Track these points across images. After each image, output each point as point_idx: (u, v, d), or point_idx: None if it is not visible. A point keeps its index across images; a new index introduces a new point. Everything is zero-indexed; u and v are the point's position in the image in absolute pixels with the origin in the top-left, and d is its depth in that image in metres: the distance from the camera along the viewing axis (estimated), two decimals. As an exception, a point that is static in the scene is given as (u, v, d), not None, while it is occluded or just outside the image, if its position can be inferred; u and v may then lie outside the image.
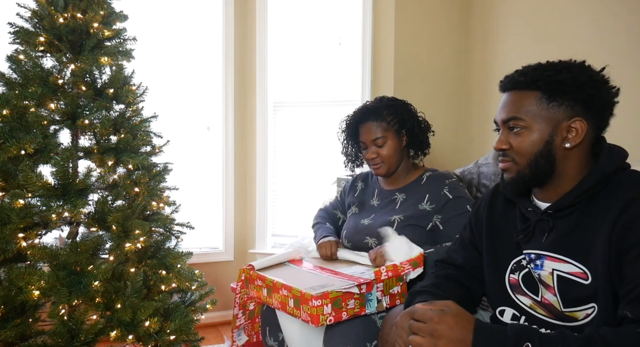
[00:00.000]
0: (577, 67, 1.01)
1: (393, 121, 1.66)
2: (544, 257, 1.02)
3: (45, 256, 1.66)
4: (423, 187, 1.64)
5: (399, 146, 1.67)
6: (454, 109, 2.86)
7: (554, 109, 0.99)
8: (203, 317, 2.14)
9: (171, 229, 2.08)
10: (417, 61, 2.78)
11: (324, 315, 1.27)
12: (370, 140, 1.67)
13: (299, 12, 2.96)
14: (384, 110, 1.67)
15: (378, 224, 1.63)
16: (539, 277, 1.04)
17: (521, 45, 2.40)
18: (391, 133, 1.66)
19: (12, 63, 1.81)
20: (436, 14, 2.80)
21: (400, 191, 1.69)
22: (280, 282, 1.40)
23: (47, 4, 1.86)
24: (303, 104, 2.99)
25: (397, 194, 1.68)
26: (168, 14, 2.87)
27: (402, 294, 1.42)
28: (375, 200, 1.75)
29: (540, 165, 1.01)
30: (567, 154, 1.00)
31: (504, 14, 2.53)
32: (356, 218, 1.76)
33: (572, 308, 0.98)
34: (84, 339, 1.65)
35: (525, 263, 1.07)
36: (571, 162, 1.01)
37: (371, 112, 1.69)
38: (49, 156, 1.76)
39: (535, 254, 1.04)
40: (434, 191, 1.61)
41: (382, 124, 1.66)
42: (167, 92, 2.83)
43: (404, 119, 1.67)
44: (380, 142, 1.65)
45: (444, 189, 1.60)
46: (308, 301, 1.27)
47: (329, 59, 2.93)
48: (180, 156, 2.67)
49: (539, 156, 1.01)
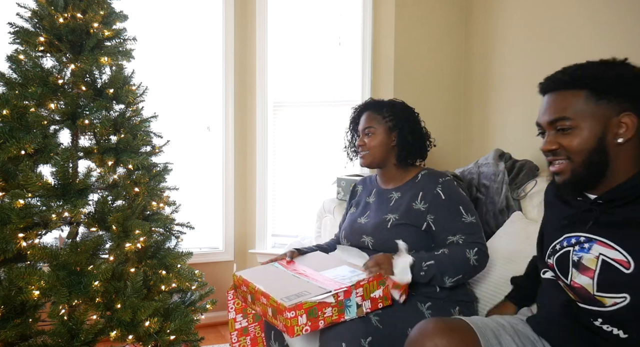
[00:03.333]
0: (620, 65, 1.04)
1: (388, 118, 1.69)
2: (595, 241, 1.04)
3: (45, 256, 1.66)
4: (417, 185, 1.65)
5: (386, 142, 1.69)
6: (454, 109, 2.86)
7: (603, 106, 1.01)
8: (203, 317, 2.14)
9: (171, 229, 2.08)
10: (417, 61, 2.78)
11: (298, 326, 1.26)
12: (362, 128, 1.73)
13: (299, 12, 2.96)
14: (384, 106, 1.72)
15: (373, 223, 1.65)
16: (578, 260, 1.06)
17: (521, 45, 2.40)
18: (382, 127, 1.69)
19: (12, 63, 1.81)
20: (436, 14, 2.80)
21: (397, 189, 1.69)
22: (260, 290, 1.38)
23: (47, 4, 1.86)
24: (303, 104, 2.99)
25: (393, 193, 1.69)
26: (168, 14, 2.87)
27: (384, 297, 1.40)
28: (371, 197, 1.77)
29: (595, 162, 1.03)
30: (619, 149, 1.02)
31: (504, 14, 2.53)
32: (353, 217, 1.77)
33: (604, 293, 1.00)
34: (84, 339, 1.65)
35: (565, 245, 1.10)
36: (623, 158, 1.02)
37: (373, 104, 1.76)
38: (49, 156, 1.76)
39: (586, 237, 1.06)
40: (427, 189, 1.60)
41: (378, 116, 1.70)
42: (167, 92, 2.83)
43: (399, 120, 1.69)
44: (370, 131, 1.70)
45: (437, 187, 1.59)
46: (283, 312, 1.26)
47: (329, 59, 2.93)
48: (180, 156, 2.67)
49: (593, 153, 1.02)
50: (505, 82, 2.53)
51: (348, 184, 2.37)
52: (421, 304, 1.48)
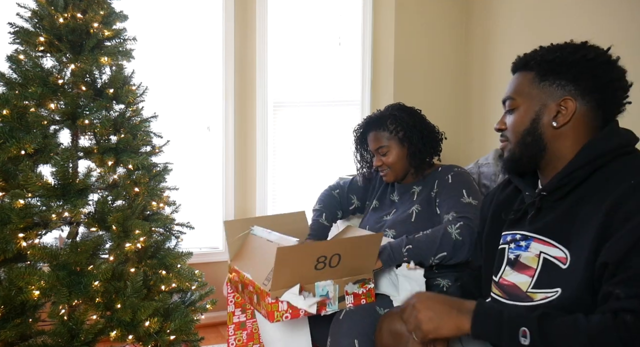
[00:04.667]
0: (571, 47, 1.02)
1: (395, 130, 1.69)
2: (531, 238, 1.01)
3: (45, 256, 1.66)
4: (434, 176, 1.69)
5: (403, 154, 1.70)
6: (454, 109, 2.86)
7: (545, 88, 1.00)
8: (203, 317, 2.14)
9: (171, 229, 2.08)
10: (417, 61, 2.78)
11: (279, 312, 1.27)
12: (374, 149, 1.72)
13: (299, 12, 2.96)
14: (387, 120, 1.71)
15: (397, 218, 1.68)
16: (515, 258, 1.03)
17: (521, 45, 2.40)
18: (394, 142, 1.69)
19: (12, 63, 1.81)
20: (436, 14, 2.80)
21: (418, 183, 1.73)
22: (248, 278, 1.40)
23: (47, 4, 1.86)
24: (303, 104, 2.99)
25: (415, 187, 1.73)
26: (168, 14, 2.87)
27: (367, 294, 1.42)
28: (395, 195, 1.79)
29: (528, 144, 1.02)
30: (557, 133, 1.00)
31: (504, 13, 2.53)
32: (377, 213, 1.79)
33: (538, 289, 0.97)
34: (84, 339, 1.65)
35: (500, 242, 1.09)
36: (564, 143, 1.00)
37: (374, 121, 1.74)
38: (49, 156, 1.76)
39: (522, 235, 1.04)
40: (441, 177, 1.65)
41: (384, 133, 1.70)
42: (167, 92, 2.83)
43: (406, 128, 1.69)
44: (384, 151, 1.70)
45: (449, 174, 1.64)
46: (265, 297, 1.27)
47: (329, 59, 2.93)
48: (180, 156, 2.67)
49: (526, 134, 1.02)
50: (505, 82, 2.51)
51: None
52: None
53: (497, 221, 1.15)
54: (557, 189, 0.98)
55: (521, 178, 1.10)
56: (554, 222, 0.98)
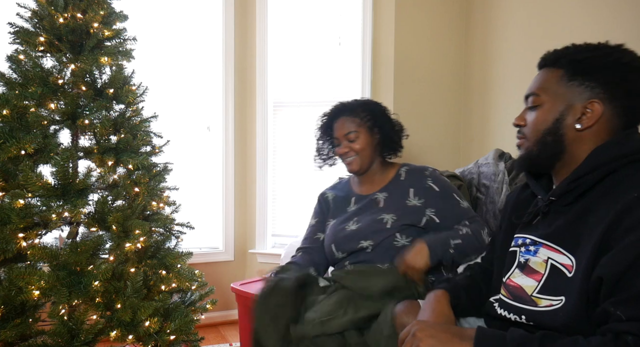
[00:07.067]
0: (605, 48, 0.97)
1: (366, 118, 1.67)
2: (540, 244, 1.00)
3: (45, 256, 1.66)
4: (404, 183, 1.64)
5: (371, 142, 1.67)
6: (454, 109, 2.86)
7: (573, 88, 0.96)
8: (203, 317, 2.14)
9: (171, 229, 2.08)
10: (417, 61, 2.78)
11: None
12: (342, 135, 1.67)
13: (299, 12, 2.96)
14: (358, 108, 1.70)
15: (366, 225, 1.60)
16: (525, 262, 1.02)
17: (521, 45, 2.40)
18: (364, 129, 1.66)
19: (12, 63, 1.81)
20: (436, 14, 2.80)
21: (381, 190, 1.67)
22: None
23: (47, 4, 1.86)
24: (303, 104, 2.99)
25: (378, 194, 1.66)
26: (168, 14, 2.87)
27: None
28: (352, 206, 1.71)
29: (548, 144, 0.98)
30: (578, 136, 0.96)
31: (504, 13, 2.53)
32: (336, 226, 1.68)
33: (543, 295, 0.96)
34: (84, 339, 1.65)
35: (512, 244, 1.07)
36: (583, 147, 0.96)
37: (346, 108, 1.71)
38: (49, 156, 1.76)
39: (532, 240, 1.02)
40: (418, 184, 1.62)
41: (356, 119, 1.67)
42: (167, 92, 2.83)
43: (377, 116, 1.69)
44: (353, 136, 1.65)
45: (427, 181, 1.61)
46: None
47: (329, 59, 2.93)
48: (180, 156, 2.67)
49: (547, 134, 0.98)
50: (505, 82, 2.52)
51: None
52: None
53: (512, 222, 1.13)
54: (566, 193, 0.96)
55: (537, 180, 1.08)
56: (563, 228, 0.96)
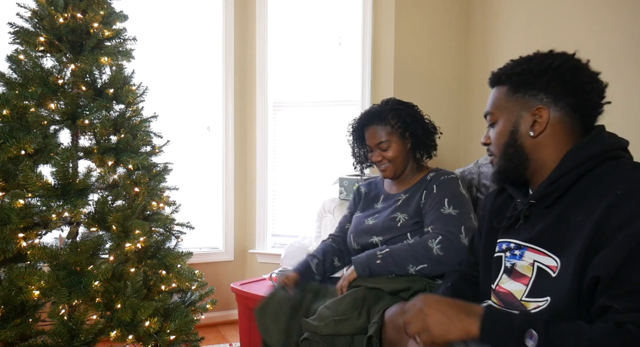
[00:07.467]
0: (537, 58, 1.03)
1: (397, 125, 1.66)
2: (525, 248, 1.01)
3: (45, 256, 1.66)
4: (423, 184, 1.66)
5: (404, 149, 1.68)
6: (454, 109, 2.86)
7: (519, 100, 1.02)
8: (203, 317, 2.14)
9: (171, 229, 2.08)
10: (417, 61, 2.78)
11: None
12: (374, 144, 1.68)
13: (299, 12, 2.96)
14: (388, 114, 1.67)
15: (381, 223, 1.64)
16: (511, 267, 1.03)
17: (521, 45, 2.40)
18: (395, 136, 1.66)
19: (12, 63, 1.81)
20: (436, 14, 2.80)
21: (405, 192, 1.70)
22: None
23: (47, 4, 1.86)
24: (303, 104, 2.99)
25: (402, 195, 1.69)
26: (168, 14, 2.87)
27: None
28: (379, 204, 1.75)
29: (511, 156, 1.04)
30: (536, 142, 1.01)
31: (504, 13, 2.53)
32: (359, 219, 1.75)
33: (531, 298, 0.97)
34: (84, 339, 1.65)
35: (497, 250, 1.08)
36: (546, 151, 1.00)
37: (375, 115, 1.69)
38: (49, 156, 1.76)
39: (516, 244, 1.04)
40: (429, 186, 1.63)
41: (386, 127, 1.66)
42: (167, 92, 2.83)
43: (408, 122, 1.67)
44: (385, 146, 1.66)
45: (435, 183, 1.62)
46: None
47: (329, 59, 2.93)
48: (180, 156, 2.67)
49: (507, 146, 1.04)
50: (505, 82, 2.52)
51: (351, 183, 2.37)
52: None
53: (493, 228, 1.15)
54: (545, 196, 0.99)
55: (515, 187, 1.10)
56: (545, 230, 0.98)
